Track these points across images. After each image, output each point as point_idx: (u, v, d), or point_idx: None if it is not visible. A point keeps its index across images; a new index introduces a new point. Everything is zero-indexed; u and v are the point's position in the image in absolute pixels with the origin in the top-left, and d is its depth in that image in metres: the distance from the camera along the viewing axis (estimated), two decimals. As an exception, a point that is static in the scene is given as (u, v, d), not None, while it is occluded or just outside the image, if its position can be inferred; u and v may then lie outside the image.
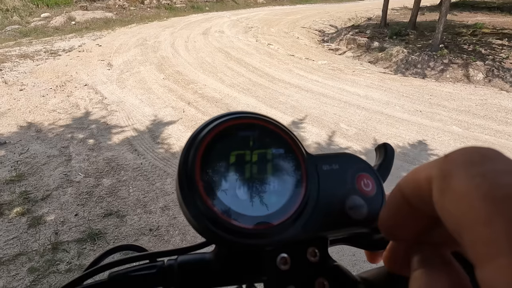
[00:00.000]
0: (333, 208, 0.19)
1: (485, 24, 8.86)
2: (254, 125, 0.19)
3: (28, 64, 5.88)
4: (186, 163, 0.17)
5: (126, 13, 12.28)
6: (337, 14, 12.73)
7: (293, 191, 0.18)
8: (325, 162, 0.20)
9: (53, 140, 3.22)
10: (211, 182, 0.17)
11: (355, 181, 0.20)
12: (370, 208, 0.19)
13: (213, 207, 0.17)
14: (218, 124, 0.18)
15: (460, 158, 0.11)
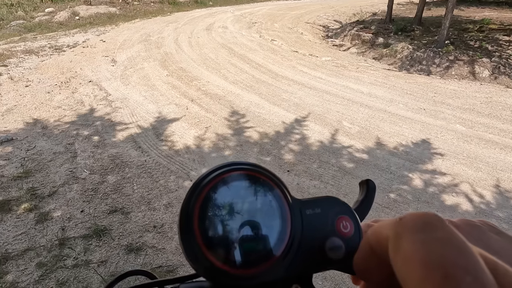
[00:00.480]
0: (314, 249, 0.21)
1: (493, 20, 8.72)
2: (248, 175, 0.21)
3: (33, 59, 5.92)
4: (187, 212, 0.20)
5: (130, 8, 12.26)
6: (342, 9, 12.60)
7: (278, 237, 0.20)
8: (309, 206, 0.22)
9: (59, 137, 3.26)
10: (207, 231, 0.19)
11: (335, 223, 0.22)
12: (347, 248, 0.21)
13: (210, 256, 0.19)
14: (215, 176, 0.20)
15: (409, 224, 0.13)
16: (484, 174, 2.86)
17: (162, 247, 1.98)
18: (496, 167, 2.96)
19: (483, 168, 2.95)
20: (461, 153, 3.18)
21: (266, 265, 0.19)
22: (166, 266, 1.86)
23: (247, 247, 0.19)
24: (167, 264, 1.87)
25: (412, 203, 2.49)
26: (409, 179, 2.77)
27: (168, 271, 1.83)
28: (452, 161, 3.04)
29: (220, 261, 0.19)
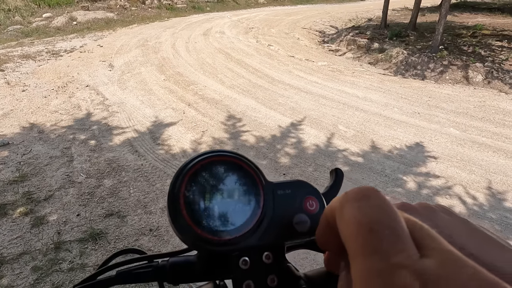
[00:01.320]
0: (283, 223, 0.25)
1: (485, 26, 8.88)
2: (226, 162, 0.24)
3: (30, 64, 5.93)
4: (173, 192, 0.23)
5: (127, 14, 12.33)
6: (338, 15, 12.76)
7: (253, 211, 0.24)
8: (280, 188, 0.26)
9: (55, 141, 3.27)
10: (191, 207, 0.23)
11: (302, 202, 0.26)
12: (312, 223, 0.25)
13: (193, 226, 0.22)
14: (197, 161, 0.24)
15: (351, 195, 0.16)
16: (477, 177, 2.90)
17: (158, 250, 1.99)
18: (489, 170, 3.00)
19: (476, 170, 2.99)
20: (454, 156, 3.22)
21: (241, 234, 0.23)
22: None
23: (225, 219, 0.23)
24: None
25: (406, 205, 2.51)
26: (404, 182, 2.80)
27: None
28: (445, 164, 3.08)
29: (202, 230, 0.22)
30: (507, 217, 2.42)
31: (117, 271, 0.30)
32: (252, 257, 0.24)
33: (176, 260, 0.30)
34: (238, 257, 0.24)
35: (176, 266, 0.29)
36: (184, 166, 0.24)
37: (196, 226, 0.22)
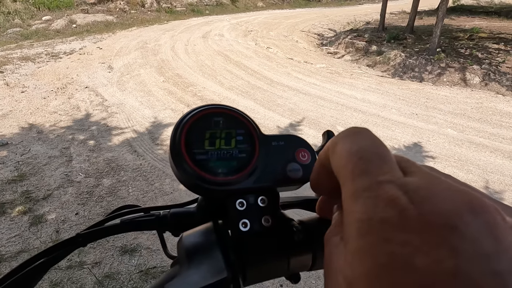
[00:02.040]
0: (277, 170, 0.27)
1: (482, 29, 8.96)
2: (223, 113, 0.27)
3: (29, 66, 5.95)
4: (174, 140, 0.25)
5: (127, 16, 12.39)
6: (336, 18, 12.85)
7: (248, 157, 0.26)
8: (274, 140, 0.28)
9: (54, 141, 3.27)
10: (193, 151, 0.24)
11: (295, 153, 0.28)
12: (304, 171, 0.27)
13: (195, 167, 0.24)
14: (196, 112, 0.26)
15: (344, 133, 0.18)
16: (475, 176, 2.92)
17: (156, 248, 1.99)
18: (486, 170, 3.02)
19: (473, 170, 3.01)
20: (452, 156, 3.24)
21: (237, 176, 0.25)
22: (160, 266, 1.86)
23: (223, 164, 0.25)
24: (161, 265, 1.88)
25: (404, 204, 2.52)
26: (402, 182, 2.81)
27: (162, 271, 1.83)
28: (443, 163, 3.10)
29: (202, 170, 0.24)
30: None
31: (121, 220, 0.32)
32: (248, 199, 0.26)
33: (176, 211, 0.32)
34: (235, 200, 0.26)
35: (176, 216, 0.31)
36: (186, 115, 0.26)
37: (197, 168, 0.24)
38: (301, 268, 0.26)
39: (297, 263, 0.25)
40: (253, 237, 0.25)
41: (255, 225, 0.25)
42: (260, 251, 0.25)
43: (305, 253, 0.25)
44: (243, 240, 0.25)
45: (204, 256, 0.23)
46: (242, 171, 0.25)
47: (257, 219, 0.25)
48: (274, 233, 0.26)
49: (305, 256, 0.25)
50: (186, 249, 0.24)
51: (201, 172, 0.24)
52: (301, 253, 0.25)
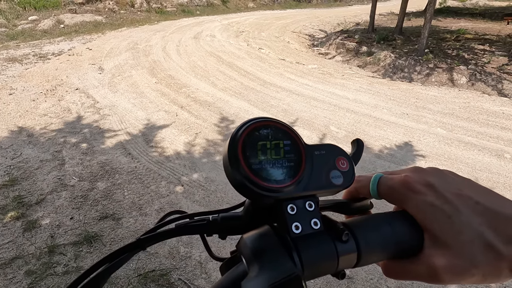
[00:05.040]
0: (322, 177, 0.30)
1: (468, 30, 9.21)
2: (271, 126, 0.29)
3: (16, 68, 5.81)
4: (233, 146, 0.27)
5: (116, 17, 12.22)
6: (326, 19, 12.98)
7: (296, 166, 0.28)
8: (317, 149, 0.31)
9: (46, 145, 3.21)
10: (248, 159, 0.27)
11: (335, 161, 0.31)
12: (344, 178, 0.30)
13: (249, 172, 0.26)
14: (249, 125, 0.28)
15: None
16: (464, 174, 3.00)
17: (154, 252, 1.98)
18: (475, 167, 3.11)
19: (463, 168, 3.09)
20: (442, 154, 3.33)
21: (289, 184, 0.27)
22: (159, 270, 1.86)
23: (276, 171, 0.27)
24: (160, 268, 1.87)
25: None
26: (395, 180, 2.87)
27: (161, 274, 1.83)
28: (434, 162, 3.18)
29: (259, 178, 0.26)
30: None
31: (175, 224, 0.33)
32: (297, 204, 0.28)
33: (225, 215, 0.34)
34: (286, 205, 0.28)
35: (226, 220, 0.33)
36: (240, 127, 0.28)
37: (253, 175, 0.26)
38: (347, 266, 0.28)
39: (345, 261, 0.27)
40: (306, 238, 0.27)
41: (306, 228, 0.28)
42: (315, 251, 0.27)
43: (352, 252, 0.27)
44: (301, 241, 0.27)
45: (271, 256, 0.25)
46: (292, 179, 0.28)
47: (307, 222, 0.28)
48: (324, 234, 0.28)
49: (352, 255, 0.27)
50: (252, 249, 0.26)
51: (258, 180, 0.26)
52: (348, 252, 0.27)
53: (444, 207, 0.26)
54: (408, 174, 0.29)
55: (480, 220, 0.25)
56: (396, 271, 0.29)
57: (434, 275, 0.26)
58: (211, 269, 1.88)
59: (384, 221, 0.29)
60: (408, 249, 0.28)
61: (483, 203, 0.26)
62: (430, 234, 0.27)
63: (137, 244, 0.31)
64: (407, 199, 0.29)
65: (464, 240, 0.25)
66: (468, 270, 0.24)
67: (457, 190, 0.27)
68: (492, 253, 0.24)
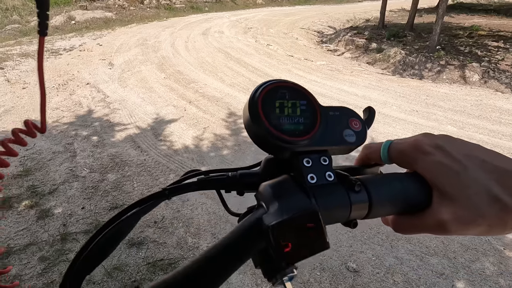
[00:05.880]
0: (336, 134, 0.32)
1: (482, 26, 8.99)
2: (288, 87, 0.31)
3: (29, 62, 5.93)
4: (253, 104, 0.29)
5: (126, 13, 12.33)
6: (336, 16, 12.85)
7: (312, 123, 0.31)
8: (331, 110, 0.33)
9: (58, 137, 3.28)
10: (267, 115, 0.29)
11: (348, 122, 0.33)
12: (357, 137, 0.33)
13: (269, 126, 0.29)
14: (267, 85, 0.30)
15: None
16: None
17: (163, 242, 2.02)
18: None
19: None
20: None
21: (304, 137, 0.29)
22: (167, 259, 1.89)
23: (293, 126, 0.29)
24: (168, 258, 1.90)
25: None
26: (403, 177, 2.85)
27: (169, 263, 1.86)
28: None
29: (275, 129, 0.28)
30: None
31: (198, 178, 0.35)
32: (313, 158, 0.30)
33: (244, 172, 0.36)
34: (301, 158, 0.30)
35: (244, 176, 0.35)
36: (259, 87, 0.30)
37: (273, 128, 0.29)
38: (358, 215, 0.30)
39: (356, 211, 0.29)
40: (321, 187, 0.29)
41: (321, 179, 0.29)
42: (330, 198, 0.28)
43: (363, 203, 0.29)
44: (316, 189, 0.28)
45: (290, 195, 0.27)
46: (308, 134, 0.30)
47: (321, 174, 0.30)
48: (339, 185, 0.30)
49: (363, 206, 0.29)
50: (272, 191, 0.28)
51: (277, 132, 0.28)
52: (360, 202, 0.29)
53: (452, 165, 0.27)
54: (418, 138, 0.31)
55: (487, 176, 0.26)
56: (406, 225, 0.30)
57: (442, 226, 0.27)
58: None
59: (395, 178, 0.31)
60: (417, 205, 0.29)
61: (491, 161, 0.27)
62: (438, 190, 0.28)
63: (162, 193, 0.34)
64: (417, 160, 0.30)
65: (471, 194, 0.26)
66: (474, 221, 0.26)
67: (466, 151, 0.28)
68: (498, 205, 0.25)
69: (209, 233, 2.10)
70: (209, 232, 2.11)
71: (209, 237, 2.05)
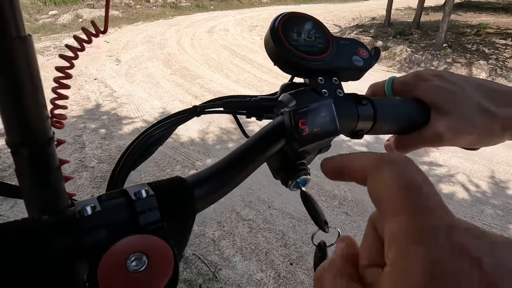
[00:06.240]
0: (345, 58, 0.36)
1: (489, 24, 8.91)
2: (305, 17, 0.35)
3: (38, 59, 6.00)
4: (274, 29, 0.33)
5: (132, 11, 12.44)
6: (341, 14, 12.81)
7: (325, 47, 0.34)
8: (341, 39, 0.37)
9: (67, 129, 3.35)
10: (287, 37, 0.32)
11: (357, 50, 0.37)
12: (364, 63, 0.36)
13: (289, 46, 0.32)
14: (286, 14, 0.34)
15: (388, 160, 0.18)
16: (481, 167, 2.95)
17: (170, 229, 2.05)
18: (492, 160, 3.05)
19: (479, 161, 3.04)
20: (458, 149, 3.27)
21: (319, 57, 0.33)
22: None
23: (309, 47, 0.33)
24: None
25: (410, 192, 2.57)
26: (408, 171, 2.86)
27: (176, 250, 1.90)
28: (449, 154, 3.14)
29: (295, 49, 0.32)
30: (509, 203, 2.47)
31: (223, 102, 0.38)
32: (326, 77, 0.34)
33: (264, 97, 0.39)
34: (316, 77, 0.34)
35: (264, 101, 0.39)
36: (279, 15, 0.34)
37: (292, 47, 0.32)
38: (364, 128, 0.33)
39: (362, 123, 0.33)
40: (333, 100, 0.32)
41: (333, 93, 0.33)
42: (341, 107, 0.32)
43: (369, 115, 0.33)
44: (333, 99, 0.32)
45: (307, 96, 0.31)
46: (322, 54, 0.33)
47: (333, 90, 0.33)
48: (348, 99, 0.33)
49: (369, 117, 0.33)
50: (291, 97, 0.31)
51: (295, 51, 0.32)
52: (366, 115, 0.33)
53: (450, 87, 0.30)
54: (419, 70, 0.34)
55: (480, 94, 0.29)
56: (406, 142, 0.33)
57: (438, 136, 0.30)
58: (224, 246, 1.94)
59: (398, 100, 0.35)
60: (416, 123, 0.33)
61: (486, 84, 0.30)
62: (436, 108, 0.31)
63: (194, 110, 0.37)
64: (418, 86, 0.33)
65: (464, 108, 0.29)
66: (465, 129, 0.29)
67: (464, 78, 0.31)
68: (487, 115, 0.28)
69: (212, 225, 2.13)
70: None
71: (214, 225, 2.08)
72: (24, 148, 0.22)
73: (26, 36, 0.21)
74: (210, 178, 0.28)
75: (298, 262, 1.85)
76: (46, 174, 0.23)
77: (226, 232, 2.05)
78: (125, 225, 0.23)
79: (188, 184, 0.27)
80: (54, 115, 0.31)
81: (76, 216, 0.22)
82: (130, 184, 0.27)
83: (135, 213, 0.23)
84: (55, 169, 0.24)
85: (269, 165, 0.36)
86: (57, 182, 0.24)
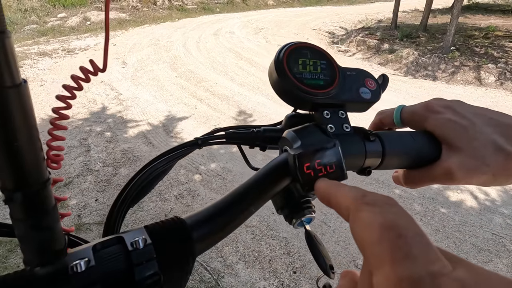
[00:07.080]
0: (353, 91, 0.34)
1: (498, 27, 8.77)
2: (310, 48, 0.34)
3: (46, 61, 6.11)
4: (278, 60, 0.32)
5: (139, 14, 12.56)
6: (347, 16, 12.76)
7: (331, 80, 0.33)
8: (348, 70, 0.35)
9: (73, 132, 3.37)
10: (291, 70, 0.31)
11: (364, 81, 0.35)
12: (372, 95, 0.35)
13: (293, 79, 0.31)
14: (292, 44, 0.33)
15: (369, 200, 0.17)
16: (489, 173, 2.89)
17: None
18: (501, 167, 2.98)
19: (488, 167, 2.98)
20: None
21: (324, 91, 0.32)
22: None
23: (314, 80, 0.32)
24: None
25: (417, 199, 2.53)
26: (415, 177, 2.81)
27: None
28: (457, 160, 3.08)
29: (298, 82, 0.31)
30: (520, 212, 2.41)
31: (226, 132, 0.38)
32: (331, 111, 0.33)
33: (268, 128, 0.39)
34: (322, 110, 0.32)
35: (268, 132, 0.38)
36: (284, 46, 0.33)
37: (295, 79, 0.31)
38: (372, 164, 0.32)
39: (370, 160, 0.31)
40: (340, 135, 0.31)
41: (339, 129, 0.32)
42: (348, 144, 0.30)
43: (377, 152, 0.31)
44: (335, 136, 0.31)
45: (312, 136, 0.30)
46: (328, 88, 0.32)
47: (339, 125, 0.32)
48: (355, 135, 0.32)
49: (377, 154, 0.31)
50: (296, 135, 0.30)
51: (300, 84, 0.31)
52: (375, 150, 0.31)
53: (461, 121, 0.29)
54: (429, 100, 0.32)
55: (493, 130, 0.27)
56: (415, 178, 0.32)
57: (450, 175, 0.28)
58: (227, 253, 1.93)
59: (407, 133, 0.33)
60: (426, 158, 0.31)
61: (497, 118, 0.28)
62: (447, 143, 0.29)
63: (195, 142, 0.37)
64: (428, 118, 0.31)
65: (477, 145, 0.27)
66: (479, 168, 0.27)
67: (475, 110, 0.30)
68: (502, 154, 0.26)
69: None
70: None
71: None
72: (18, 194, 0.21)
73: (20, 83, 0.20)
74: (211, 219, 0.27)
75: (301, 271, 1.83)
76: (41, 217, 0.22)
77: (229, 239, 2.03)
78: (120, 279, 0.22)
79: (187, 227, 0.26)
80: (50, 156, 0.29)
81: (69, 272, 0.21)
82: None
83: (131, 265, 0.22)
84: (50, 210, 0.23)
85: (273, 201, 0.35)
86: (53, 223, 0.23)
